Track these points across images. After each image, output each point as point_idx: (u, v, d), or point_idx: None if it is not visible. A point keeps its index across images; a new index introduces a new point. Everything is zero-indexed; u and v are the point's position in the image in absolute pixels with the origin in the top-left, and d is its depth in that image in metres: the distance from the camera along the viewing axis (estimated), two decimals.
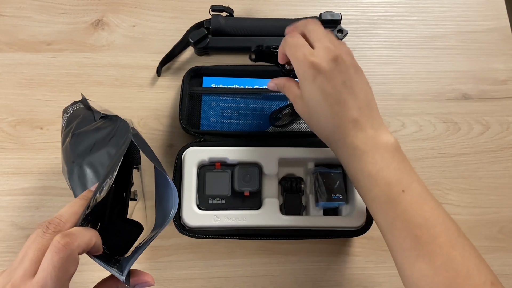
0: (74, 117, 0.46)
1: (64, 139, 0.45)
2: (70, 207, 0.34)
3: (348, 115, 0.41)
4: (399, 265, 0.40)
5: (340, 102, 0.41)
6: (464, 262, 0.37)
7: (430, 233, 0.38)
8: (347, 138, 0.41)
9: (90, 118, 0.45)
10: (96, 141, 0.42)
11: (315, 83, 0.41)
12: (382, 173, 0.40)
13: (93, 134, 0.43)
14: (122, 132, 0.42)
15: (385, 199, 0.39)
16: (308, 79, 0.42)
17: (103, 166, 0.40)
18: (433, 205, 0.40)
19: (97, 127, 0.43)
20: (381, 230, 0.41)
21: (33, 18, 0.65)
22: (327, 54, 0.42)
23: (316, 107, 0.42)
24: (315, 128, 0.45)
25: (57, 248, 0.30)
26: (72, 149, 0.42)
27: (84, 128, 0.44)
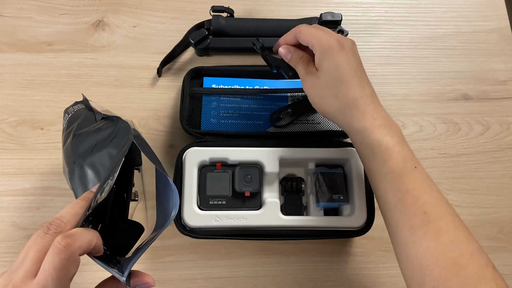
0: (75, 117, 0.46)
1: (65, 140, 0.45)
2: (71, 208, 0.34)
3: (366, 90, 0.44)
4: (403, 245, 0.40)
5: (362, 76, 0.44)
6: (469, 243, 0.38)
7: (438, 210, 0.39)
8: (368, 109, 0.43)
9: (91, 119, 0.45)
10: (97, 142, 0.42)
11: (341, 55, 0.44)
12: (399, 147, 0.41)
13: (94, 134, 0.43)
14: (123, 133, 0.42)
15: (399, 173, 0.40)
16: (333, 49, 0.44)
17: (104, 167, 0.40)
18: (436, 187, 0.41)
19: (98, 128, 0.44)
20: (387, 208, 0.41)
21: (34, 18, 0.65)
22: (345, 39, 0.46)
23: (334, 78, 0.44)
24: (324, 103, 0.45)
25: (58, 249, 0.30)
26: (73, 150, 0.42)
27: (85, 129, 0.44)
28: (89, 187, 0.40)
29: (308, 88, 0.46)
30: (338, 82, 0.43)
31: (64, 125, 0.48)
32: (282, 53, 0.49)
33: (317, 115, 0.59)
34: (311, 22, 0.63)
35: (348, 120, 0.44)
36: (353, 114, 0.43)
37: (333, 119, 0.46)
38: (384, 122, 0.42)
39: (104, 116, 0.46)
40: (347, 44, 0.45)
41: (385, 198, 0.42)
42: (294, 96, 0.60)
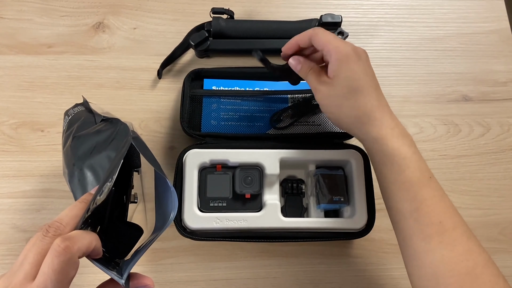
0: (75, 119, 0.46)
1: (65, 142, 0.45)
2: (70, 210, 0.34)
3: (382, 101, 0.45)
4: (417, 254, 0.40)
5: (377, 88, 0.45)
6: (481, 253, 0.39)
7: (452, 221, 0.40)
8: (385, 118, 0.43)
9: (91, 121, 0.45)
10: (96, 144, 0.42)
11: (358, 65, 0.44)
12: (415, 157, 0.42)
13: (94, 137, 0.43)
14: (123, 135, 0.42)
15: (416, 182, 0.41)
16: (352, 59, 0.43)
17: (103, 169, 0.40)
18: (448, 197, 0.42)
19: (98, 130, 0.44)
20: (402, 216, 0.42)
21: (34, 20, 0.65)
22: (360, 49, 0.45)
23: (350, 87, 0.43)
24: (338, 112, 0.46)
25: (57, 252, 0.30)
26: (73, 152, 0.42)
27: (84, 131, 0.44)
28: (88, 189, 0.40)
29: (322, 98, 0.46)
30: (356, 91, 0.43)
31: (64, 127, 0.48)
32: (291, 64, 0.49)
33: (317, 116, 0.59)
34: (311, 24, 0.63)
35: (366, 129, 0.44)
36: (371, 123, 0.43)
37: (348, 128, 0.46)
38: (400, 132, 0.43)
39: (103, 118, 0.46)
40: (363, 54, 0.45)
41: (400, 207, 0.42)
42: (294, 98, 0.60)
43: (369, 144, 0.44)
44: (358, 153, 0.54)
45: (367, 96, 0.43)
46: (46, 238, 0.31)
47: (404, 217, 0.41)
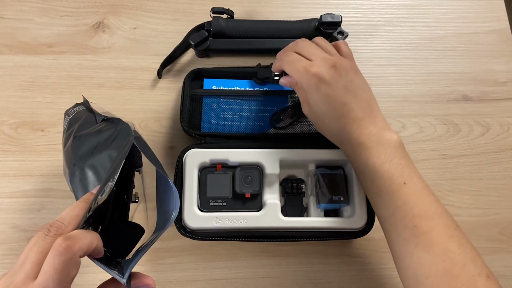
0: (76, 119, 0.46)
1: (66, 142, 0.45)
2: (71, 210, 0.34)
3: (352, 116, 0.45)
4: (398, 256, 0.42)
5: (344, 105, 0.45)
6: (461, 253, 0.39)
7: (428, 223, 0.40)
8: (353, 136, 0.45)
9: (91, 121, 0.45)
10: (97, 144, 0.42)
11: (319, 91, 0.46)
12: (385, 166, 0.42)
13: (95, 136, 0.43)
14: (124, 135, 0.42)
15: (387, 191, 0.42)
16: (312, 88, 0.46)
17: (105, 168, 0.40)
18: (432, 199, 0.42)
19: (99, 129, 0.44)
20: (381, 221, 0.44)
21: (34, 20, 0.66)
22: (326, 63, 0.46)
23: (322, 111, 0.47)
24: (322, 130, 0.50)
25: (59, 251, 0.30)
26: (74, 152, 0.42)
27: (85, 131, 0.44)
28: (89, 188, 0.40)
29: (306, 113, 0.50)
30: (323, 115, 0.47)
31: (64, 127, 0.48)
32: (282, 83, 0.52)
33: None
34: (311, 23, 0.63)
35: (341, 147, 0.49)
36: (342, 141, 0.47)
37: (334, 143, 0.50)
38: (369, 144, 0.44)
39: (104, 118, 0.46)
40: (327, 73, 0.46)
41: (378, 212, 0.45)
42: (294, 98, 0.60)
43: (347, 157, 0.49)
44: None
45: (327, 120, 0.47)
46: (47, 238, 0.31)
47: (382, 221, 0.44)
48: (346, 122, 0.45)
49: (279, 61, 0.51)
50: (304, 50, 0.49)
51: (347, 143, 0.46)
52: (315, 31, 0.63)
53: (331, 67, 0.46)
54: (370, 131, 0.44)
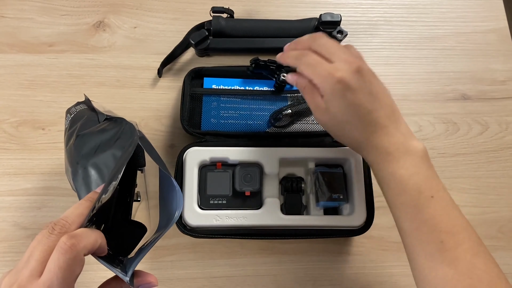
0: (78, 118, 0.46)
1: (68, 140, 0.45)
2: (75, 209, 0.34)
3: (379, 123, 0.42)
4: (420, 269, 0.40)
5: (371, 112, 0.42)
6: (487, 270, 0.38)
7: (455, 239, 0.39)
8: (379, 145, 0.42)
9: (94, 119, 0.46)
10: (101, 143, 0.42)
11: (345, 98, 0.41)
12: (414, 178, 0.40)
13: (98, 135, 0.43)
14: (128, 134, 0.42)
15: (415, 204, 0.40)
16: (337, 94, 0.41)
17: (108, 167, 0.41)
18: (458, 212, 0.41)
19: (102, 128, 0.44)
20: (404, 234, 0.42)
21: (35, 19, 0.66)
22: (350, 67, 0.42)
23: (345, 119, 0.43)
24: (342, 138, 0.46)
25: (63, 249, 0.30)
26: (77, 150, 0.42)
27: (88, 130, 0.44)
28: (92, 187, 0.40)
29: (320, 121, 0.45)
30: (347, 123, 0.43)
31: (66, 125, 0.48)
32: (288, 79, 0.48)
33: None
34: (310, 23, 0.64)
35: (364, 154, 0.45)
36: (367, 150, 0.44)
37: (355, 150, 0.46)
38: (397, 154, 0.41)
39: (107, 117, 0.46)
40: (352, 78, 0.41)
41: (401, 225, 0.42)
42: (293, 97, 0.61)
43: (371, 168, 0.45)
44: None
45: (352, 128, 0.43)
46: (52, 236, 0.31)
47: (406, 235, 0.41)
48: (372, 130, 0.42)
49: (295, 59, 0.46)
50: (324, 48, 0.44)
51: (373, 152, 0.43)
52: (315, 30, 0.63)
53: (355, 71, 0.41)
54: (397, 139, 0.42)
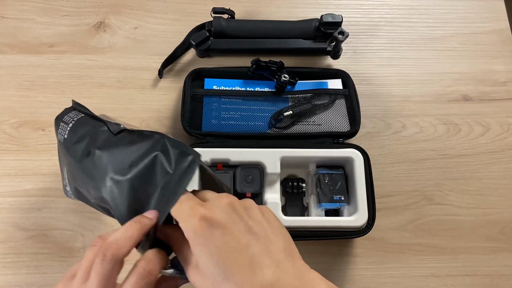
0: (80, 127, 0.44)
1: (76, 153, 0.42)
2: (125, 231, 0.33)
3: (267, 276, 0.30)
4: None
5: (253, 259, 0.31)
6: None
7: None
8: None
9: (103, 129, 0.43)
10: (134, 159, 0.39)
11: (211, 242, 0.30)
12: None
13: (128, 150, 0.39)
14: (168, 153, 0.39)
15: None
16: (201, 237, 0.30)
17: (149, 185, 0.37)
18: None
19: (131, 142, 0.40)
20: None
21: (35, 20, 0.66)
22: (220, 201, 0.33)
23: (223, 271, 0.30)
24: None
25: (143, 275, 0.31)
26: (104, 166, 0.39)
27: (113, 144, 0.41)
28: (134, 202, 0.37)
29: (195, 283, 0.32)
30: (224, 279, 0.30)
31: (63, 135, 0.44)
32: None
33: (317, 116, 0.59)
34: (311, 23, 0.63)
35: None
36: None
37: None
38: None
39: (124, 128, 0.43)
40: (222, 213, 0.32)
41: None
42: (294, 98, 0.60)
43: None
44: (358, 153, 0.54)
45: (238, 276, 0.30)
46: (104, 263, 0.30)
47: None
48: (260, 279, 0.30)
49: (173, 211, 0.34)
50: (201, 193, 0.36)
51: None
52: (316, 31, 0.63)
53: (227, 204, 0.33)
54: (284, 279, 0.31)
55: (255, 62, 0.59)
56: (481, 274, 0.56)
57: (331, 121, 0.59)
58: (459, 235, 0.58)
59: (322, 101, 0.60)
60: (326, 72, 0.63)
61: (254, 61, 0.59)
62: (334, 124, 0.58)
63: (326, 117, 0.59)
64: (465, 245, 0.57)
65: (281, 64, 0.60)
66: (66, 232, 0.56)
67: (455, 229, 0.58)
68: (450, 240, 0.58)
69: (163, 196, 0.36)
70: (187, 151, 0.37)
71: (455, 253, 0.57)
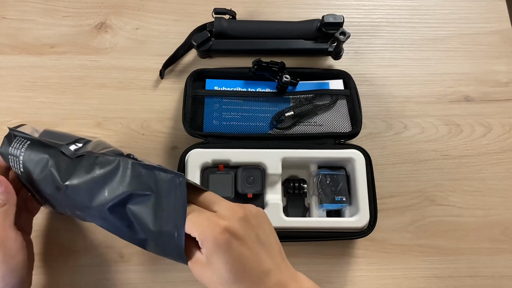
0: (34, 156, 0.41)
1: (47, 189, 0.41)
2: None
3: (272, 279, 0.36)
4: None
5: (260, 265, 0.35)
6: None
7: None
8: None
9: (60, 158, 0.41)
10: (111, 188, 0.38)
11: (231, 251, 0.34)
12: None
13: (104, 179, 0.39)
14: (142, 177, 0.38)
15: None
16: (221, 247, 0.34)
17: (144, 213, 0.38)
18: None
19: (95, 173, 0.39)
20: None
21: (37, 21, 0.66)
22: (236, 213, 0.36)
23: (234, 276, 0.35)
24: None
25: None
26: (83, 197, 0.39)
27: (76, 176, 0.39)
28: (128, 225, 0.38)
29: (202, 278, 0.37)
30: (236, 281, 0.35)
31: (18, 168, 0.42)
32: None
33: (319, 117, 0.59)
34: (313, 24, 0.63)
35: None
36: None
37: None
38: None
39: (82, 154, 0.41)
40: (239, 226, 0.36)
41: None
42: (296, 98, 0.60)
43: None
44: (360, 153, 0.54)
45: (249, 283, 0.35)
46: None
47: None
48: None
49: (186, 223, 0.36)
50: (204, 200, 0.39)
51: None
52: (317, 31, 0.63)
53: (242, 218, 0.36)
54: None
55: (257, 62, 0.59)
56: (483, 275, 0.56)
57: (333, 122, 0.59)
58: (461, 236, 0.58)
59: (323, 101, 0.60)
60: (328, 72, 0.63)
61: (255, 61, 0.59)
62: (336, 125, 0.58)
63: (327, 117, 0.59)
64: (467, 246, 0.57)
65: (282, 64, 0.60)
66: (67, 233, 0.56)
67: (457, 230, 0.58)
68: (452, 241, 0.57)
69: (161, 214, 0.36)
70: (163, 171, 0.38)
71: (457, 254, 0.57)
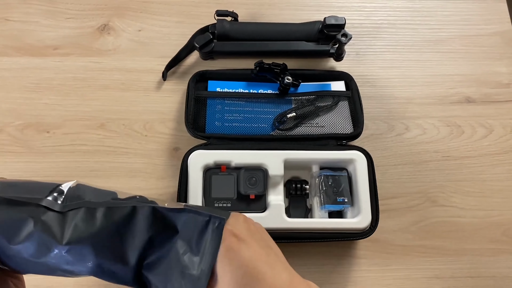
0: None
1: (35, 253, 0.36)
2: None
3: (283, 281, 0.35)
4: None
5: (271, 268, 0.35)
6: None
7: None
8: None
9: (44, 214, 0.35)
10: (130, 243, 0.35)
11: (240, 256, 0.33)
12: None
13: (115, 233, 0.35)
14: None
15: None
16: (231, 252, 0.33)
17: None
18: None
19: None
20: None
21: (40, 23, 0.66)
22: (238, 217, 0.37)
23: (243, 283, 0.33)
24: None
25: None
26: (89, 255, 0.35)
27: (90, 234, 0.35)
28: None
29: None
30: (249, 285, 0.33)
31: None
32: None
33: (321, 118, 0.59)
34: (314, 26, 0.64)
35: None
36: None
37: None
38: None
39: (71, 209, 0.36)
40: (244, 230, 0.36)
41: None
42: (298, 100, 0.61)
43: None
44: (361, 154, 0.54)
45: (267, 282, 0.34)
46: None
47: None
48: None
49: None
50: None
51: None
52: (319, 33, 0.63)
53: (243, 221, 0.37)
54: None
55: (259, 64, 0.59)
56: (485, 276, 0.56)
57: (334, 123, 0.59)
58: (462, 237, 0.58)
59: (325, 103, 0.60)
60: (329, 74, 0.63)
61: (257, 63, 0.59)
62: (337, 126, 0.59)
63: (329, 119, 0.59)
64: (469, 246, 0.57)
65: (284, 66, 0.60)
66: None
67: (459, 231, 0.58)
68: (453, 242, 0.58)
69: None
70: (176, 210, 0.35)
71: (459, 254, 0.57)
